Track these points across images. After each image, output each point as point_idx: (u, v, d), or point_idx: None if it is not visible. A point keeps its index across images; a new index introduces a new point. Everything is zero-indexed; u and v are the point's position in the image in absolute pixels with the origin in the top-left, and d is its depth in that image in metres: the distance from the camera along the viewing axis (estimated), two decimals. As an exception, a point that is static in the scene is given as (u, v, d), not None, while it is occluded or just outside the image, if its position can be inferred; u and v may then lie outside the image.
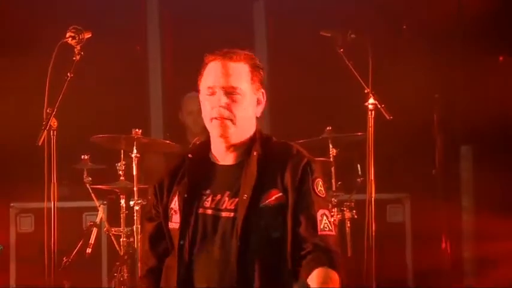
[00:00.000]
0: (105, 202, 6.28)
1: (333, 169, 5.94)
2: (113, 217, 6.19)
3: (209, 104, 3.25)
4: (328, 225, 3.18)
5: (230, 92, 3.22)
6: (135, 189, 5.81)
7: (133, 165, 5.81)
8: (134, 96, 7.59)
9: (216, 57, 3.30)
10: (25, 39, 6.82)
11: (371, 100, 5.30)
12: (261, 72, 3.34)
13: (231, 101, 3.21)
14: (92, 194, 6.05)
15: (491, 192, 6.77)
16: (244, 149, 3.26)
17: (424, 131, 7.01)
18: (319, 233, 3.16)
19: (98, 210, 6.10)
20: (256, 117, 3.34)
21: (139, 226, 5.80)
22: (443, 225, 7.11)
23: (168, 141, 6.31)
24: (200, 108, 6.92)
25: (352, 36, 5.43)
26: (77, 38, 4.71)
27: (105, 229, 6.17)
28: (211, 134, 3.30)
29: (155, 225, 3.39)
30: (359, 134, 5.74)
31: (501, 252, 6.47)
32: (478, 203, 7.24)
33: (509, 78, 6.75)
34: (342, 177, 6.04)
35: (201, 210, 3.24)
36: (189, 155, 3.36)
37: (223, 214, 3.21)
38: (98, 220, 6.09)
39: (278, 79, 7.44)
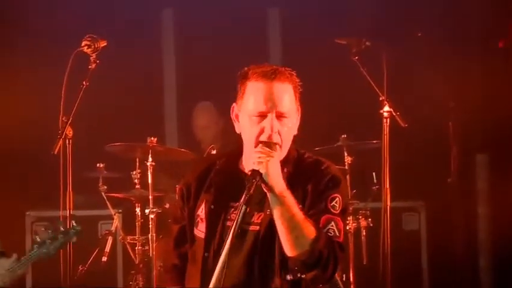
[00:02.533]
0: (120, 210, 6.29)
1: (348, 177, 5.92)
2: (128, 225, 6.20)
3: (257, 128, 3.15)
4: (334, 232, 3.14)
5: (280, 116, 3.16)
6: (150, 197, 5.81)
7: (149, 173, 5.82)
8: (149, 105, 7.60)
9: (261, 77, 3.20)
10: (43, 49, 6.84)
11: (386, 108, 5.31)
12: (300, 90, 3.29)
13: (280, 125, 3.16)
14: (107, 202, 6.06)
15: (507, 201, 6.74)
16: None
17: (440, 138, 6.98)
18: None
19: (113, 219, 6.11)
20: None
21: (154, 234, 5.81)
22: (459, 233, 7.08)
23: (183, 150, 6.32)
24: (209, 121, 6.93)
25: (367, 43, 5.44)
26: (93, 47, 4.74)
27: (120, 237, 6.18)
28: (250, 152, 3.18)
29: (180, 228, 3.40)
30: (374, 141, 5.73)
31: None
32: (494, 211, 7.20)
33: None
34: (357, 185, 6.02)
35: (228, 223, 3.22)
36: (217, 166, 3.35)
37: (251, 228, 3.19)
38: (113, 228, 6.10)
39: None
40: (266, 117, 3.14)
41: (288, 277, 3.13)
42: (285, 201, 3.03)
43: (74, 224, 3.97)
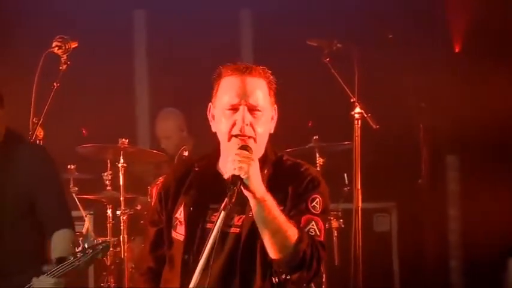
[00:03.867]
0: (91, 212, 6.26)
1: (319, 178, 5.92)
2: (100, 227, 6.17)
3: (230, 121, 3.17)
4: (315, 231, 3.15)
5: (252, 109, 3.17)
6: (121, 198, 5.80)
7: (120, 175, 5.80)
8: (120, 106, 7.56)
9: (234, 72, 3.23)
10: (12, 50, 6.80)
11: (357, 109, 5.32)
12: (275, 87, 3.31)
13: (253, 118, 3.16)
14: (79, 204, 6.03)
15: (477, 202, 6.79)
16: None
17: (410, 140, 7.02)
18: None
19: (84, 220, 6.08)
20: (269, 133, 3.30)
21: (126, 236, 5.80)
22: (429, 234, 7.12)
23: (155, 151, 6.30)
24: (171, 129, 6.86)
25: (338, 45, 5.46)
26: (63, 48, 4.72)
27: (91, 239, 6.15)
28: (226, 149, 3.21)
29: (157, 230, 3.38)
30: (346, 143, 5.75)
31: (488, 262, 6.47)
32: (464, 212, 7.25)
33: (496, 88, 6.77)
34: (328, 187, 6.02)
35: (208, 225, 3.20)
36: (196, 168, 3.33)
37: (231, 230, 3.17)
38: (84, 230, 6.06)
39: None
40: (238, 110, 3.15)
41: (274, 280, 3.12)
42: (266, 204, 3.01)
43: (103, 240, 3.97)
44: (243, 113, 3.15)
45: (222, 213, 2.91)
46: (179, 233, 3.26)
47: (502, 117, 6.78)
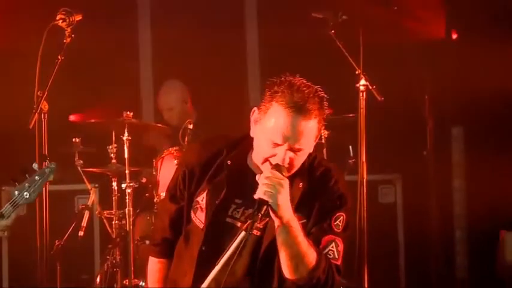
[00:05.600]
0: (96, 185, 6.27)
1: (324, 151, 5.93)
2: (105, 200, 6.19)
3: (271, 150, 3.11)
4: (333, 253, 3.16)
5: (296, 150, 3.11)
6: (127, 172, 5.81)
7: (125, 148, 5.81)
8: (125, 80, 7.56)
9: (288, 105, 3.07)
10: (16, 23, 6.78)
11: (362, 81, 5.31)
12: (325, 118, 3.24)
13: (294, 155, 3.12)
14: (84, 177, 6.04)
15: (482, 173, 6.79)
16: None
17: (416, 112, 7.01)
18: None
19: (89, 193, 6.09)
20: None
21: (131, 209, 5.81)
22: (434, 206, 7.13)
23: (159, 124, 6.30)
24: (175, 100, 6.83)
25: (344, 17, 5.43)
26: (67, 21, 4.69)
27: (97, 212, 6.17)
28: (258, 161, 3.18)
29: (178, 208, 3.40)
30: (350, 115, 5.75)
31: (492, 233, 6.49)
32: (469, 184, 7.25)
33: (499, 60, 6.75)
34: (333, 159, 6.01)
35: (229, 220, 3.24)
36: (228, 162, 3.28)
37: (253, 232, 3.13)
38: (89, 203, 6.08)
39: (270, 61, 7.43)
40: (282, 146, 3.09)
41: None
42: (292, 230, 3.01)
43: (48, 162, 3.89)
44: (284, 151, 3.08)
45: (243, 234, 2.93)
46: (199, 219, 3.28)
47: (506, 87, 6.77)
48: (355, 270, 5.38)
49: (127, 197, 5.83)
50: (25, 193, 3.50)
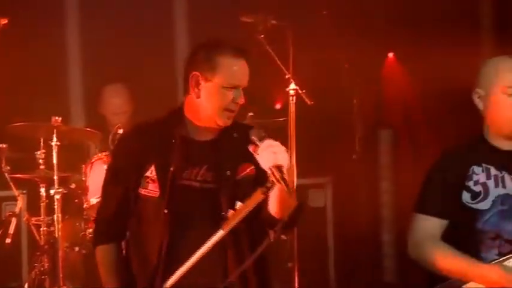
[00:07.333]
0: (24, 191, 6.18)
1: (255, 155, 5.93)
2: (33, 206, 6.10)
3: (228, 97, 3.49)
4: None
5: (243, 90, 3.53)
6: (55, 177, 5.74)
7: (54, 153, 5.74)
8: (53, 84, 7.46)
9: (235, 53, 3.55)
10: None
11: (292, 85, 5.34)
12: None
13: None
14: (11, 183, 5.95)
15: (409, 175, 6.88)
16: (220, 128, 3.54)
17: (345, 115, 7.07)
18: None
19: (17, 200, 6.01)
20: None
21: (59, 215, 5.74)
22: (363, 209, 7.19)
23: (89, 129, 6.24)
24: (122, 105, 6.79)
25: (273, 22, 5.46)
26: (-7, 25, 4.62)
27: (25, 219, 6.08)
28: (208, 117, 3.50)
29: (124, 189, 3.56)
30: (280, 119, 5.78)
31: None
32: (396, 186, 7.35)
33: (426, 62, 6.86)
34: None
35: (182, 181, 3.49)
36: (161, 131, 3.56)
37: (204, 186, 3.47)
38: (17, 210, 6.00)
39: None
40: (236, 89, 3.50)
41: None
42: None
43: None
44: (240, 93, 3.51)
45: (260, 196, 3.04)
46: (152, 190, 3.48)
47: (432, 90, 6.89)
48: (285, 272, 5.41)
49: (55, 203, 5.76)
50: None
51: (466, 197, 3.64)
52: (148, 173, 3.50)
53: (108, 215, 3.64)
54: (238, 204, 3.12)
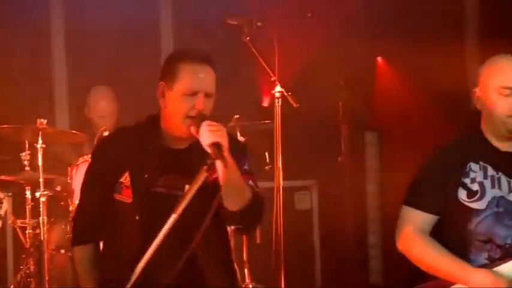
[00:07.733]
0: (10, 194, 6.15)
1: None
2: (18, 209, 6.08)
3: (188, 104, 3.48)
4: (253, 186, 3.56)
5: (208, 96, 3.52)
6: (41, 180, 5.71)
7: (39, 155, 5.72)
8: (38, 86, 7.43)
9: (194, 59, 3.55)
10: None
11: (278, 88, 5.35)
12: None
13: (207, 103, 3.51)
14: (-4, 186, 5.93)
15: (395, 177, 6.89)
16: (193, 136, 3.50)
17: (331, 118, 7.08)
18: None
19: (2, 202, 5.98)
20: None
21: (45, 218, 5.72)
22: (349, 211, 7.21)
23: (74, 132, 6.21)
24: (110, 107, 6.79)
25: (259, 24, 5.46)
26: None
27: (10, 221, 6.06)
28: (176, 126, 3.51)
29: (101, 191, 3.61)
30: (267, 122, 5.78)
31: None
32: (382, 188, 7.36)
33: (412, 65, 6.88)
34: (250, 165, 6.05)
35: (155, 189, 3.54)
36: (137, 139, 3.61)
37: (177, 193, 3.45)
38: (2, 212, 5.97)
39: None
40: (196, 95, 3.48)
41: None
42: (234, 169, 3.38)
43: None
44: (201, 99, 3.48)
45: (203, 174, 3.17)
46: (125, 196, 3.54)
47: (419, 92, 6.91)
48: (271, 275, 5.41)
49: (41, 206, 5.74)
50: None
51: (462, 194, 3.61)
52: (122, 179, 3.55)
53: (85, 216, 3.70)
54: (187, 187, 3.24)
